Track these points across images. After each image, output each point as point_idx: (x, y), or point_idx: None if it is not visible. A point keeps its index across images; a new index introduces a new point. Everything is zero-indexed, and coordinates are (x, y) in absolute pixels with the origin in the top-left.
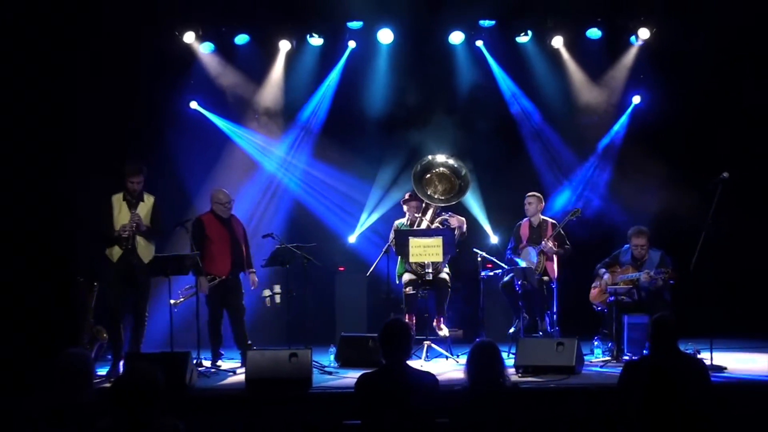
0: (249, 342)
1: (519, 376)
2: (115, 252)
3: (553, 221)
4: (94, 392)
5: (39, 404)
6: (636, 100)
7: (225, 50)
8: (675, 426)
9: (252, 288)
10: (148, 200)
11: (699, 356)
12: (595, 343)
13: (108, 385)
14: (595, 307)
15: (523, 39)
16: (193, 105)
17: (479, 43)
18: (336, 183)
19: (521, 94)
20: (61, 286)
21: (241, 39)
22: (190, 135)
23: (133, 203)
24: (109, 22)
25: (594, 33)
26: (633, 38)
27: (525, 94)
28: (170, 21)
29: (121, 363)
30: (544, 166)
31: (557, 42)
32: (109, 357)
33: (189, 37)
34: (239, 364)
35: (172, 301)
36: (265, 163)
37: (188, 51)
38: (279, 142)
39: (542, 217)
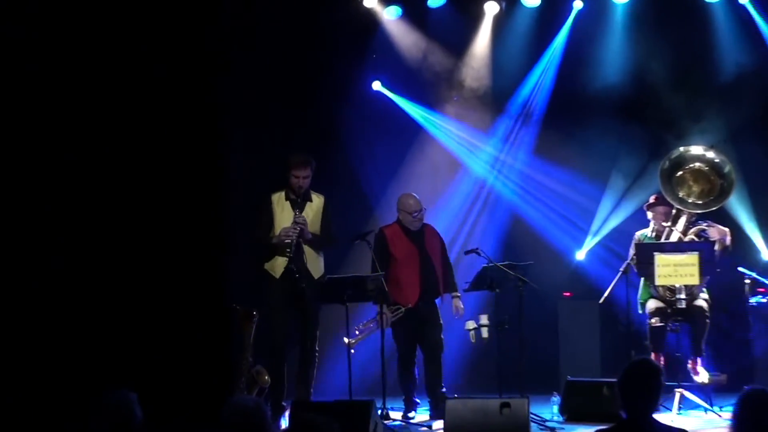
0: (443, 389)
1: None
2: (278, 265)
3: None
4: None
5: None
6: None
7: (416, 15)
8: None
9: (455, 317)
10: (317, 201)
11: None
12: None
13: None
14: None
15: None
16: (376, 86)
17: None
18: (559, 186)
19: None
20: (214, 317)
21: (436, 1)
22: (372, 124)
23: (297, 203)
24: None
25: None
26: None
27: None
28: None
29: (286, 414)
30: None
31: None
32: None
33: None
34: (428, 417)
35: (347, 340)
36: (471, 162)
37: (370, 17)
38: (487, 135)
39: None
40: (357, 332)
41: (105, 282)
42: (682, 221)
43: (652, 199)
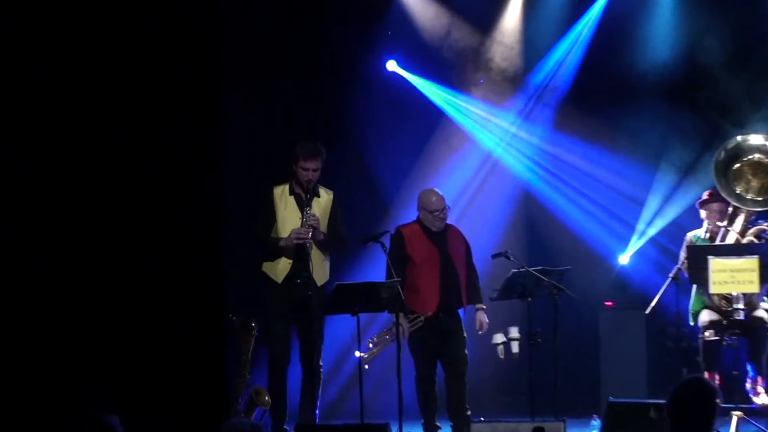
0: (468, 411)
1: None
2: (280, 268)
3: None
4: None
5: None
6: None
7: None
8: None
9: (479, 332)
10: (326, 196)
11: None
12: None
13: None
14: None
15: None
16: (391, 66)
17: None
18: (602, 180)
19: None
20: (207, 328)
21: None
22: (386, 110)
23: (304, 199)
24: None
25: None
26: None
27: None
28: None
29: None
30: None
31: None
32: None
33: None
34: None
35: (359, 354)
36: (499, 151)
37: None
38: (518, 121)
39: None
40: (370, 346)
41: (82, 289)
42: (740, 220)
43: (705, 196)
